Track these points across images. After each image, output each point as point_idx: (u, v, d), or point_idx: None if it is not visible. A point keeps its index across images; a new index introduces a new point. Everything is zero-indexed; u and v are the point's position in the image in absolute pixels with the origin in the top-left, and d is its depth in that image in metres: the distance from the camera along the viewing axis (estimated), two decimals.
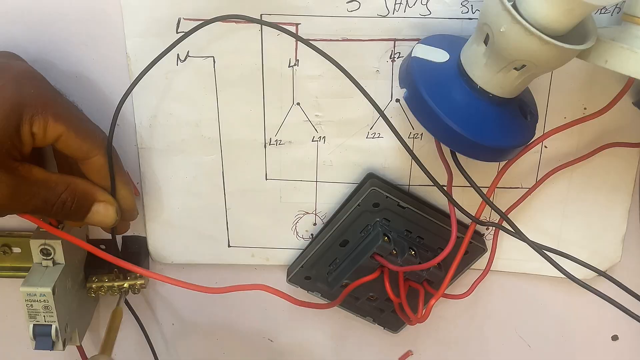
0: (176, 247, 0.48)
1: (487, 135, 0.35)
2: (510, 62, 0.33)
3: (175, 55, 0.41)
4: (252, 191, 0.45)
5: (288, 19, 0.39)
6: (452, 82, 0.36)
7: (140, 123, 0.43)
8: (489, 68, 0.34)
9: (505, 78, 0.34)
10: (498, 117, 0.36)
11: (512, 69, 0.33)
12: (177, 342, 0.53)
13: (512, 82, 0.34)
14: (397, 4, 0.39)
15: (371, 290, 0.46)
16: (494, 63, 0.33)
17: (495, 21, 0.31)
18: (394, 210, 0.43)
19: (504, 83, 0.34)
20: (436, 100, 0.35)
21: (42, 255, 0.42)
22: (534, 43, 0.30)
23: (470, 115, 0.35)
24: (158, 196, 0.46)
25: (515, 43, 0.31)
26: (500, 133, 0.36)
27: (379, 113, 0.38)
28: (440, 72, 0.36)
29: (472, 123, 0.35)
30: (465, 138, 0.35)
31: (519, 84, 0.34)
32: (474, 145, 0.35)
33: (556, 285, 0.48)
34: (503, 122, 0.36)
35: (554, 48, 0.30)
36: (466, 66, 0.35)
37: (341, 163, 0.44)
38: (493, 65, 0.34)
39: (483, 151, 0.36)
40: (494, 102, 0.35)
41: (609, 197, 0.44)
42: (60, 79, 0.42)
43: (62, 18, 0.40)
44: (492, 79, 0.34)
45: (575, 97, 0.41)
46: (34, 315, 0.41)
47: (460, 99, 0.35)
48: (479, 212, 0.40)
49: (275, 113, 0.43)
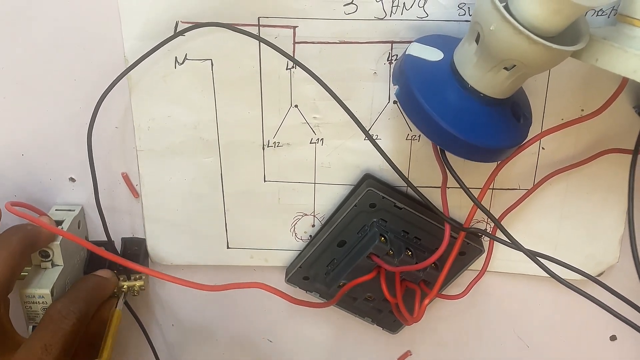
0: (175, 248, 0.48)
1: (476, 134, 0.35)
2: (500, 62, 0.32)
3: (174, 58, 0.41)
4: (250, 193, 0.45)
5: (285, 22, 0.39)
6: (444, 81, 0.35)
7: (138, 125, 0.43)
8: (479, 67, 0.34)
9: (495, 78, 0.34)
10: (488, 117, 0.35)
11: (502, 69, 0.33)
12: (177, 343, 0.53)
13: (502, 82, 0.34)
14: (394, 7, 0.39)
15: (369, 291, 0.46)
16: (484, 62, 0.33)
17: (485, 19, 0.31)
18: (390, 210, 0.43)
19: (494, 83, 0.34)
20: (426, 97, 0.35)
21: (41, 257, 0.42)
22: (523, 42, 0.30)
23: (460, 113, 0.35)
24: (157, 198, 0.46)
25: (504, 42, 0.31)
26: (489, 133, 0.35)
27: (362, 131, 0.39)
28: (433, 70, 0.36)
29: (461, 121, 0.35)
30: (453, 135, 0.35)
31: (509, 84, 0.34)
32: (461, 143, 0.35)
33: (554, 285, 0.48)
34: (493, 122, 0.36)
35: (543, 48, 0.30)
36: (458, 65, 0.35)
37: (339, 165, 0.44)
38: (483, 64, 0.33)
39: (471, 150, 0.35)
40: (484, 102, 0.35)
41: (605, 199, 0.44)
42: (58, 83, 0.42)
43: (60, 21, 0.40)
44: (482, 79, 0.34)
45: (573, 99, 0.41)
46: (33, 317, 0.42)
47: (451, 98, 0.35)
48: (470, 215, 0.41)
49: (273, 115, 0.43)
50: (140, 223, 0.47)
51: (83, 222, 0.47)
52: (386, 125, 0.43)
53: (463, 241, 0.43)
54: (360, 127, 0.39)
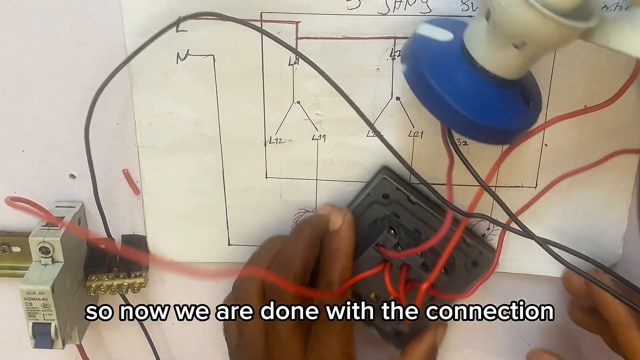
0: (176, 245, 0.47)
1: (484, 114, 0.35)
2: (511, 38, 0.32)
3: (175, 54, 0.41)
4: (252, 190, 0.45)
5: (288, 17, 0.39)
6: (453, 60, 0.35)
7: (140, 122, 0.43)
8: (489, 45, 0.34)
9: (505, 56, 0.33)
10: (497, 98, 0.35)
11: (512, 47, 0.33)
12: (177, 341, 0.53)
13: (512, 61, 0.34)
14: (397, 2, 0.39)
15: (373, 289, 0.46)
16: (495, 40, 0.33)
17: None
18: (404, 204, 0.43)
19: (505, 62, 0.34)
20: (435, 76, 0.34)
21: (41, 253, 0.42)
22: (534, 17, 0.30)
23: (469, 93, 0.35)
24: (158, 195, 0.46)
25: (515, 17, 0.30)
26: (498, 114, 0.35)
27: (368, 126, 0.38)
28: (442, 49, 0.36)
29: (470, 100, 0.34)
30: (461, 114, 0.34)
31: (519, 63, 0.34)
32: (469, 122, 0.34)
33: (559, 286, 0.48)
34: (502, 103, 0.35)
35: (554, 24, 0.30)
36: (468, 45, 0.35)
37: (341, 161, 0.44)
38: (493, 42, 0.33)
39: (478, 130, 0.35)
40: (494, 83, 0.35)
41: (609, 195, 0.44)
42: (59, 79, 0.42)
43: (61, 16, 0.40)
44: (492, 57, 0.34)
45: (577, 94, 0.41)
46: (33, 314, 0.41)
47: (460, 77, 0.35)
48: (475, 199, 0.40)
49: (275, 111, 0.43)
50: (141, 220, 0.47)
51: (83, 218, 0.46)
52: (389, 121, 0.43)
53: (476, 250, 0.43)
54: (366, 121, 0.38)
